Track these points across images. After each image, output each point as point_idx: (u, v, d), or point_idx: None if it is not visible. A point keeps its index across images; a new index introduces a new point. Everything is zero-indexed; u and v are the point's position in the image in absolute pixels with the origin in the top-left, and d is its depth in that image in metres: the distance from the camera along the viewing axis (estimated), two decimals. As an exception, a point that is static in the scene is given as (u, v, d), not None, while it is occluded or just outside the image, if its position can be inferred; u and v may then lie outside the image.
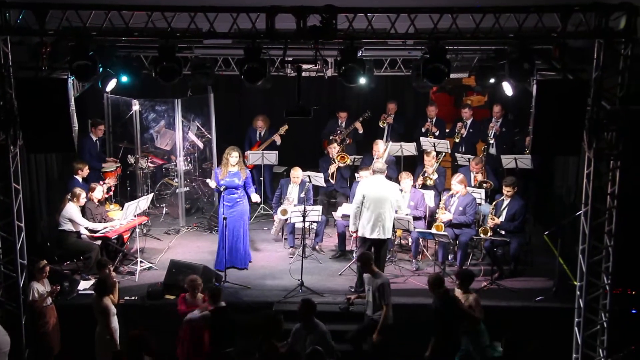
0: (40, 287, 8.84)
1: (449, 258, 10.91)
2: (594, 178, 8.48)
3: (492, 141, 12.49)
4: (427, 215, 11.17)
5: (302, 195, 11.22)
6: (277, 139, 13.19)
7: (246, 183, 10.76)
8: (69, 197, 10.49)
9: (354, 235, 10.32)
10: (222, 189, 10.54)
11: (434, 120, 12.95)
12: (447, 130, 13.01)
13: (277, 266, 11.00)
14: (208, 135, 13.35)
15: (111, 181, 11.90)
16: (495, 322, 8.63)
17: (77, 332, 8.99)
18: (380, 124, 13.06)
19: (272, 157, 12.85)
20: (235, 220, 10.64)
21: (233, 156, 10.57)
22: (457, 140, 12.73)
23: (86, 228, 10.50)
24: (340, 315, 9.34)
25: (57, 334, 9.01)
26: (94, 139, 12.21)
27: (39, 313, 8.70)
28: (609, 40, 8.06)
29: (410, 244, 11.23)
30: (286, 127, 13.08)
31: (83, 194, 10.54)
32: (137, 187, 12.88)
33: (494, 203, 10.66)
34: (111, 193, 12.00)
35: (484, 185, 11.39)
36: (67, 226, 10.40)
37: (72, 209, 10.39)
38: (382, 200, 9.68)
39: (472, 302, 8.39)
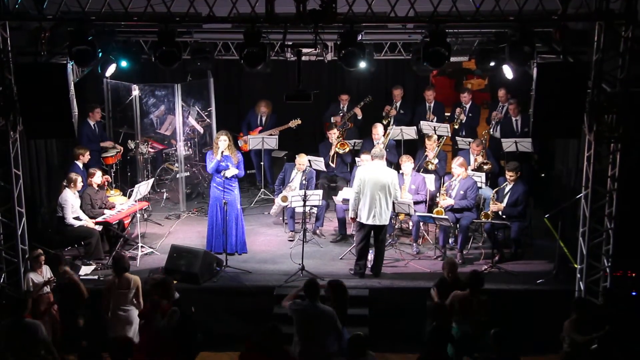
0: (37, 277, 8.77)
1: (450, 242, 10.92)
2: (594, 161, 8.50)
3: (493, 131, 12.40)
4: (427, 199, 11.16)
5: (305, 182, 11.18)
6: (275, 132, 13.07)
7: (239, 166, 10.67)
8: (65, 183, 10.45)
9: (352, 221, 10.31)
10: (222, 173, 10.49)
11: (432, 104, 12.87)
12: (447, 115, 12.89)
13: (278, 251, 11.01)
14: (208, 120, 13.33)
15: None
16: (496, 305, 8.63)
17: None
18: (384, 121, 12.65)
19: (272, 142, 12.83)
20: (229, 205, 10.55)
21: (222, 140, 10.46)
22: (456, 127, 12.58)
23: (73, 220, 10.34)
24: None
25: (49, 323, 8.65)
26: (92, 122, 12.19)
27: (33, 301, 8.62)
28: (610, 23, 8.04)
29: (411, 227, 11.24)
30: (299, 121, 12.99)
31: (79, 179, 10.46)
32: (138, 173, 12.89)
33: (495, 190, 10.63)
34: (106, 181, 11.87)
35: (484, 167, 11.35)
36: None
37: (66, 196, 10.32)
38: (379, 186, 9.65)
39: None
